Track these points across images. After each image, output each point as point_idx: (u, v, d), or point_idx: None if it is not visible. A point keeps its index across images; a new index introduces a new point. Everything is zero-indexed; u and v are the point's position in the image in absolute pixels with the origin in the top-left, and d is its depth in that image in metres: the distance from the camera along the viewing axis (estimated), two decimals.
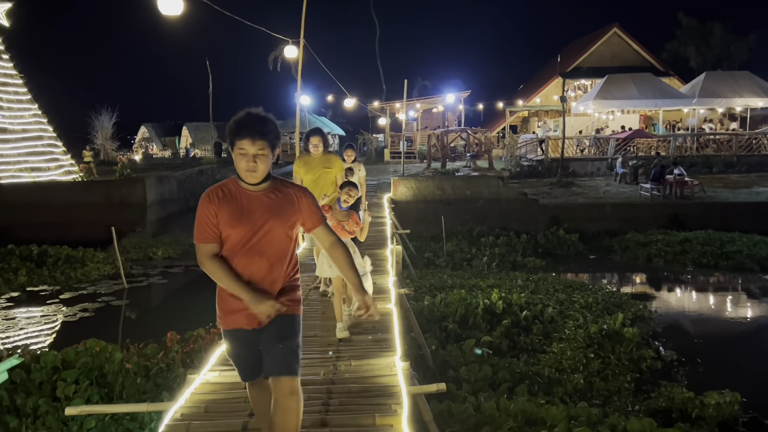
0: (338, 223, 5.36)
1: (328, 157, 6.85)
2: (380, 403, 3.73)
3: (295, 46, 11.74)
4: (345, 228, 5.40)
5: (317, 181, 6.68)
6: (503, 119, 36.82)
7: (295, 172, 6.91)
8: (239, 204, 2.89)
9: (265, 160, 2.87)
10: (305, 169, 6.79)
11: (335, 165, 6.87)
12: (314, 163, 6.72)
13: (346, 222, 5.41)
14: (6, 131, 21.90)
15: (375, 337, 5.10)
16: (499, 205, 18.31)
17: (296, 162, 6.99)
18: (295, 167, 6.93)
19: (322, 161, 6.74)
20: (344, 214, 5.43)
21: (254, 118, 2.86)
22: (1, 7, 22.07)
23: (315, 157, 6.70)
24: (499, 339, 8.56)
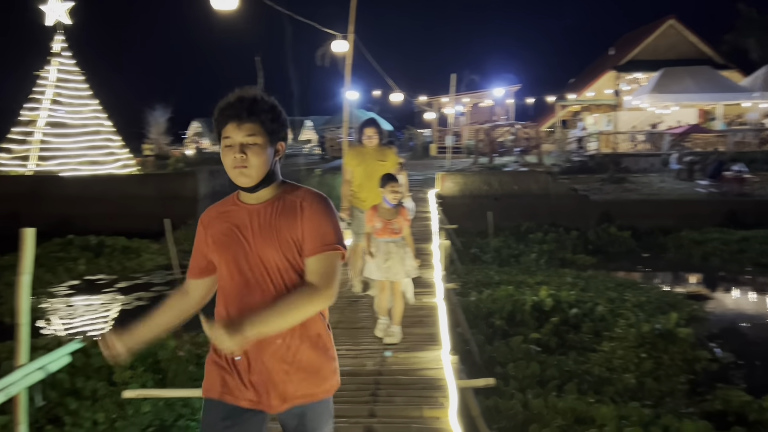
0: (385, 223, 5.02)
1: (383, 150, 6.45)
2: (428, 396, 3.73)
3: (344, 40, 11.79)
4: (392, 228, 5.04)
5: (370, 174, 6.20)
6: (553, 113, 36.15)
7: (345, 165, 6.59)
8: (232, 223, 2.13)
9: (259, 152, 2.03)
10: (357, 161, 6.37)
11: (390, 158, 6.42)
12: (368, 155, 6.32)
13: (394, 220, 5.04)
14: (67, 126, 22.80)
15: (422, 331, 5.11)
16: (548, 201, 18.02)
17: (347, 153, 6.64)
18: (346, 159, 6.59)
19: (376, 153, 6.34)
20: (392, 211, 5.04)
21: (242, 98, 2.08)
22: (64, 6, 22.95)
23: (369, 148, 6.32)
24: (547, 336, 8.45)
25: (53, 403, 6.58)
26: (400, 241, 5.10)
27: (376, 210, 5.10)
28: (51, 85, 22.79)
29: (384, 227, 5.02)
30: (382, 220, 5.03)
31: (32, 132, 22.40)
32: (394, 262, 4.97)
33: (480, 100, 36.88)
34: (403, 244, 5.10)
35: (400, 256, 5.01)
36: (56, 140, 22.49)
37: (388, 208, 5.04)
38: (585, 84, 37.63)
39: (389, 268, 4.93)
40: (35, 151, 22.05)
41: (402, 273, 5.00)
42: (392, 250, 4.99)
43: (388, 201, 5.03)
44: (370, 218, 5.10)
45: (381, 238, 5.02)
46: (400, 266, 4.99)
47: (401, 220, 5.07)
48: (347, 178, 6.45)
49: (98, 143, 23.41)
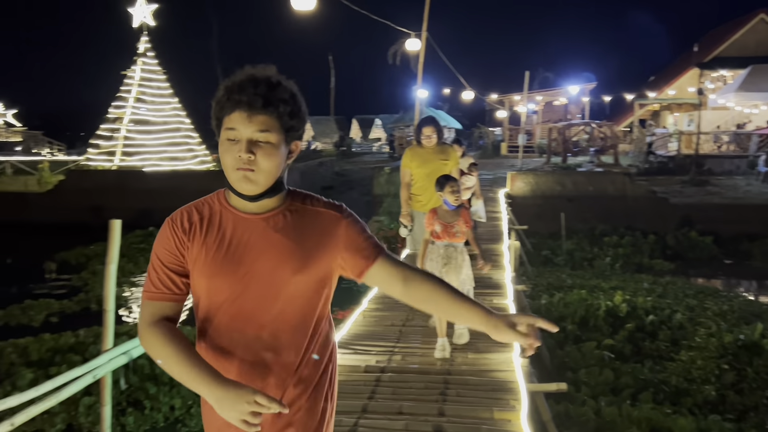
0: (445, 226, 4.74)
1: (444, 149, 6.06)
2: (498, 398, 3.69)
3: (417, 38, 11.80)
4: (453, 231, 4.73)
5: (431, 175, 5.75)
6: (631, 112, 34.88)
7: (403, 166, 6.12)
8: (223, 236, 1.68)
9: (271, 153, 1.59)
10: (417, 162, 5.97)
11: (452, 157, 6.03)
12: (428, 155, 5.94)
13: (455, 223, 4.73)
14: (149, 123, 23.88)
15: None
16: (624, 203, 17.41)
17: (405, 154, 6.19)
18: (404, 160, 6.13)
19: (436, 152, 5.96)
20: (453, 214, 4.76)
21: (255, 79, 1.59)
22: (149, 8, 24.04)
23: (428, 148, 5.94)
24: (621, 343, 8.18)
25: (134, 387, 6.93)
26: (460, 247, 4.81)
27: (435, 213, 4.84)
28: (135, 84, 23.92)
29: (444, 230, 4.75)
30: (441, 224, 4.77)
31: (118, 129, 23.60)
32: (451, 268, 4.71)
33: (554, 98, 36.04)
34: (464, 251, 4.80)
35: (458, 263, 4.74)
36: (139, 137, 23.59)
37: (448, 210, 4.78)
38: (666, 82, 36.12)
39: (446, 274, 4.64)
40: (120, 147, 23.22)
41: (456, 281, 4.64)
42: (451, 255, 4.75)
43: (448, 203, 4.76)
44: (429, 221, 4.82)
45: (440, 242, 4.78)
46: (456, 274, 4.70)
47: (462, 224, 4.77)
48: (406, 181, 6.07)
49: (178, 140, 24.40)
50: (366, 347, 4.69)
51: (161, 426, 6.67)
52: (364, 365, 4.30)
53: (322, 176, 25.76)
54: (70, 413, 6.67)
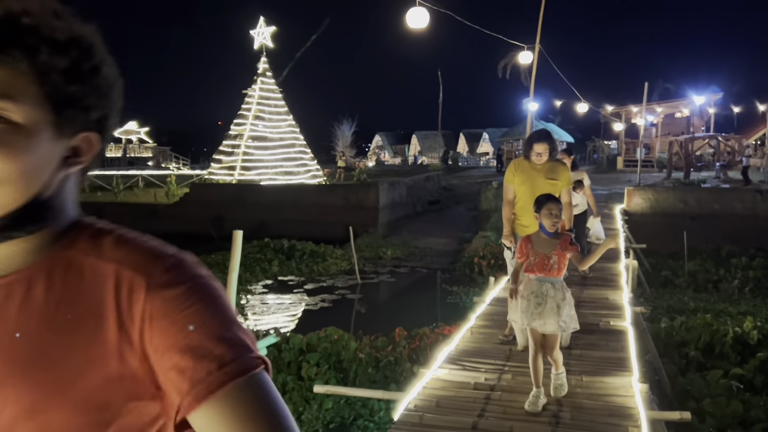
0: (541, 258, 4.00)
1: (554, 166, 5.31)
2: (616, 424, 3.53)
3: (530, 51, 11.63)
4: (549, 263, 3.98)
5: (535, 194, 4.88)
6: (763, 125, 32.33)
7: (507, 181, 5.44)
8: None
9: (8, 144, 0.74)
10: (522, 178, 5.27)
11: (562, 176, 5.28)
12: (534, 172, 5.24)
13: (552, 253, 3.99)
14: (266, 139, 25.12)
15: (608, 355, 4.83)
16: (755, 222, 16.13)
17: (509, 167, 5.50)
18: (508, 174, 5.44)
19: (544, 169, 5.24)
20: (549, 242, 4.02)
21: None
22: (267, 30, 25.38)
23: (536, 164, 5.26)
24: (752, 373, 7.53)
25: None
26: (558, 282, 4.02)
27: (529, 241, 4.12)
28: (254, 102, 25.28)
29: (539, 263, 4.01)
30: (536, 253, 4.03)
31: (238, 144, 25.01)
32: (547, 309, 3.93)
33: (675, 110, 34.09)
34: (563, 287, 4.04)
35: (557, 302, 3.94)
36: (257, 152, 24.87)
37: (544, 237, 4.05)
38: None
39: (540, 315, 3.93)
40: (239, 162, 24.58)
41: (554, 324, 3.91)
42: (547, 292, 3.96)
43: (544, 229, 4.05)
44: (521, 250, 4.12)
45: (534, 276, 4.03)
46: (554, 315, 3.91)
47: (562, 254, 4.00)
48: (509, 198, 5.38)
49: (292, 155, 25.48)
50: (475, 364, 4.64)
51: None
52: (474, 382, 4.26)
53: (428, 191, 25.87)
54: None
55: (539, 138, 5.23)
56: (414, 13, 7.90)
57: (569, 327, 4.02)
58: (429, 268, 16.23)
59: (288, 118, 26.09)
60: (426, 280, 15.30)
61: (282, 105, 26.05)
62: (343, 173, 28.16)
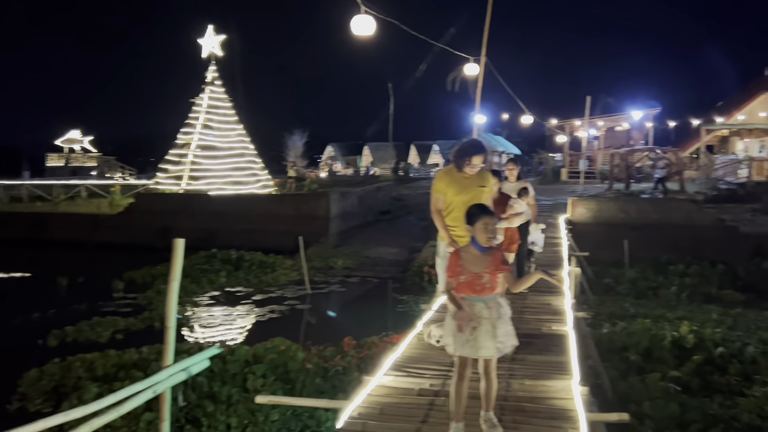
0: (473, 276, 3.58)
1: (482, 174, 5.26)
2: (555, 426, 3.58)
3: (476, 63, 11.84)
4: (483, 283, 3.58)
5: (470, 203, 4.69)
6: (697, 138, 33.73)
7: (435, 191, 5.26)
8: None
9: None
10: (455, 189, 5.15)
11: (489, 182, 5.32)
12: (466, 181, 5.17)
13: (486, 271, 3.58)
14: (215, 148, 24.74)
15: (550, 359, 4.91)
16: (691, 232, 16.75)
17: (438, 177, 5.36)
18: (437, 184, 5.28)
19: (475, 179, 5.20)
20: (482, 259, 3.60)
21: None
22: (217, 39, 25.08)
23: (466, 174, 5.18)
24: (688, 376, 7.81)
25: (193, 405, 7.07)
26: (492, 300, 3.61)
27: (458, 256, 3.67)
28: (203, 111, 24.89)
29: (470, 282, 3.59)
30: (467, 271, 3.60)
31: (186, 154, 24.55)
32: (483, 331, 3.53)
33: (616, 124, 35.29)
34: (498, 302, 3.64)
35: (492, 322, 3.55)
36: (205, 161, 24.46)
37: (476, 253, 3.62)
38: (735, 107, 34.84)
39: (475, 340, 3.53)
40: (187, 172, 24.11)
41: (491, 348, 3.54)
42: (482, 313, 3.56)
43: (477, 244, 3.64)
44: (452, 267, 3.66)
45: (466, 296, 3.61)
46: (490, 338, 3.54)
47: (493, 273, 3.60)
48: (438, 208, 5.26)
49: (242, 165, 25.16)
50: (420, 370, 4.65)
51: None
52: (418, 388, 4.26)
53: (380, 201, 25.94)
54: (131, 428, 6.87)
55: (477, 150, 5.14)
56: (359, 21, 7.95)
57: (506, 346, 3.64)
58: (380, 277, 16.24)
59: (238, 127, 25.79)
60: (377, 289, 15.30)
61: (232, 114, 25.75)
62: (294, 183, 27.95)
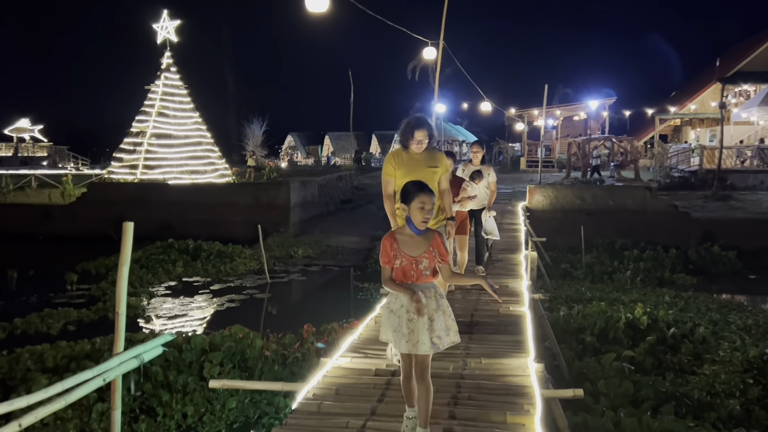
0: (410, 262, 3.25)
1: (432, 153, 4.92)
2: (512, 402, 3.60)
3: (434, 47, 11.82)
4: (421, 269, 3.25)
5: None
6: (652, 128, 34.60)
7: (385, 174, 4.96)
8: None
9: None
10: (403, 171, 4.82)
11: (442, 163, 4.96)
12: (415, 162, 4.85)
13: (424, 256, 3.25)
14: (171, 137, 24.18)
15: (507, 338, 4.94)
16: (645, 218, 17.18)
17: (387, 159, 5.00)
18: (385, 167, 4.97)
19: (424, 158, 4.87)
20: (419, 242, 3.27)
21: None
22: (171, 24, 24.46)
23: (414, 153, 4.87)
24: (642, 356, 7.98)
25: (147, 395, 6.90)
26: (431, 289, 3.29)
27: (393, 240, 3.30)
28: (158, 98, 24.29)
29: (406, 267, 3.25)
30: (403, 255, 3.26)
31: (141, 142, 23.93)
32: (420, 324, 3.20)
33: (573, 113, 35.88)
34: (437, 293, 3.30)
35: (429, 313, 3.23)
36: (161, 150, 23.89)
37: (412, 236, 3.29)
38: (687, 97, 35.80)
39: (412, 333, 3.21)
40: (142, 161, 23.52)
41: (426, 342, 3.19)
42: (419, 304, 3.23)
43: (413, 225, 3.29)
44: (385, 252, 3.30)
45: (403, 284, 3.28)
46: (426, 332, 3.20)
47: (432, 258, 3.27)
48: (389, 193, 4.91)
49: (199, 153, 24.66)
50: (377, 351, 4.62)
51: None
52: (375, 368, 4.23)
53: (341, 190, 25.82)
54: (82, 419, 6.66)
55: (419, 124, 4.79)
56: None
57: (444, 342, 3.26)
58: (341, 265, 16.17)
59: (194, 115, 25.25)
60: (338, 277, 15.22)
61: (188, 102, 25.18)
62: (253, 173, 27.57)
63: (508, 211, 15.83)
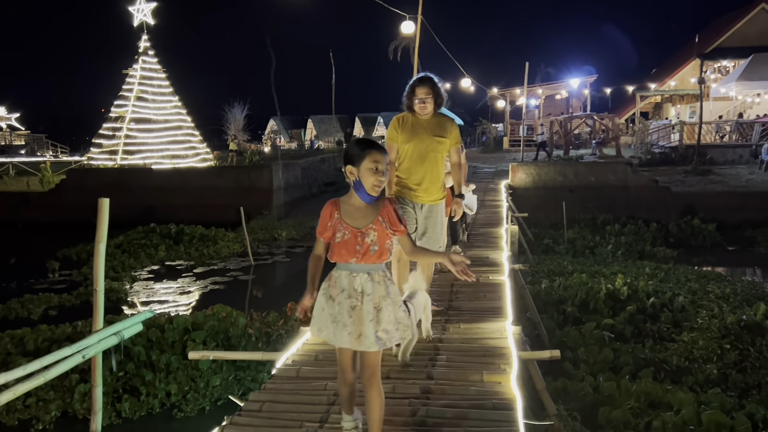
0: (354, 235, 2.69)
1: (441, 121, 4.58)
2: (489, 363, 3.63)
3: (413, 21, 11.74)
4: (368, 244, 2.69)
5: (423, 156, 4.45)
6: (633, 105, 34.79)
7: (389, 139, 4.60)
8: None
9: None
10: (406, 136, 4.50)
11: (451, 133, 4.56)
12: (420, 128, 4.49)
13: (371, 227, 2.70)
14: (150, 121, 23.89)
15: (486, 305, 4.98)
16: (626, 193, 17.34)
17: (392, 123, 4.64)
18: (391, 131, 4.62)
19: (431, 125, 4.51)
20: (368, 212, 2.72)
21: None
22: (148, 6, 24.06)
23: (422, 118, 4.50)
24: (622, 325, 8.10)
25: (130, 374, 6.89)
26: (379, 271, 2.73)
27: (337, 207, 2.77)
28: (136, 82, 23.95)
29: (349, 240, 2.69)
30: (346, 227, 2.72)
31: (120, 127, 23.62)
32: (364, 313, 2.67)
33: (555, 92, 35.94)
34: (385, 279, 2.73)
35: (375, 302, 2.68)
36: (141, 135, 23.61)
37: (359, 203, 2.74)
38: (668, 74, 35.98)
39: (353, 324, 2.67)
40: (121, 146, 23.24)
41: (370, 336, 2.65)
42: (364, 288, 2.69)
43: (362, 190, 2.71)
44: (323, 221, 2.80)
45: (344, 264, 2.74)
46: (370, 323, 2.66)
47: (384, 231, 2.72)
48: (391, 159, 4.53)
49: (179, 138, 24.41)
50: None
51: (157, 412, 6.63)
52: None
53: (324, 172, 25.74)
54: (65, 401, 6.65)
55: (421, 81, 4.47)
56: None
57: (393, 338, 2.71)
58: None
59: (173, 99, 24.93)
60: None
61: (167, 85, 24.85)
62: (235, 157, 27.36)
63: (491, 189, 15.90)
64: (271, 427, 2.98)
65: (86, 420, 6.36)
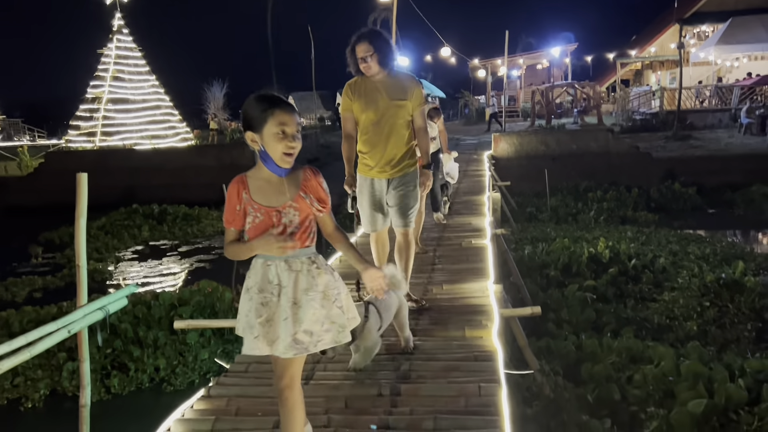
0: (267, 215, 2.22)
1: (399, 82, 3.89)
2: (470, 319, 3.69)
3: None
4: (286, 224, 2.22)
5: (382, 123, 3.82)
6: (614, 72, 34.82)
7: (343, 110, 4.00)
8: None
9: None
10: (361, 103, 3.86)
11: (413, 94, 3.87)
12: (375, 92, 3.82)
13: (290, 204, 2.22)
14: (128, 101, 23.56)
15: (469, 267, 5.03)
16: (608, 160, 17.45)
17: (345, 91, 3.99)
18: (344, 101, 3.98)
19: (388, 88, 3.83)
20: (281, 186, 2.24)
21: None
22: None
23: (376, 80, 3.82)
24: (604, 286, 8.22)
25: (118, 351, 6.90)
26: (300, 258, 2.23)
27: (244, 185, 2.27)
28: (112, 62, 23.54)
29: (261, 224, 2.22)
30: (258, 208, 2.23)
31: (97, 108, 23.27)
32: (280, 310, 2.19)
33: (536, 62, 35.87)
34: (312, 266, 2.25)
35: (294, 297, 2.20)
36: (119, 116, 23.29)
37: (270, 177, 2.26)
38: (647, 40, 35.99)
39: (269, 324, 2.18)
40: (100, 128, 22.92)
41: (287, 340, 2.16)
42: (280, 280, 2.21)
43: (271, 161, 2.22)
44: (229, 208, 2.29)
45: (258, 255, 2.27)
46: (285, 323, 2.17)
47: (305, 206, 2.25)
48: (348, 131, 3.98)
49: (158, 117, 24.11)
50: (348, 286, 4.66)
51: (146, 387, 6.67)
52: None
53: (306, 149, 25.57)
54: (53, 379, 6.66)
55: (359, 37, 3.77)
56: None
57: (319, 341, 2.19)
58: None
59: (150, 78, 24.56)
60: None
61: (143, 64, 24.45)
62: (216, 136, 27.10)
63: (473, 160, 15.94)
64: (257, 386, 3.02)
65: (75, 397, 6.37)
